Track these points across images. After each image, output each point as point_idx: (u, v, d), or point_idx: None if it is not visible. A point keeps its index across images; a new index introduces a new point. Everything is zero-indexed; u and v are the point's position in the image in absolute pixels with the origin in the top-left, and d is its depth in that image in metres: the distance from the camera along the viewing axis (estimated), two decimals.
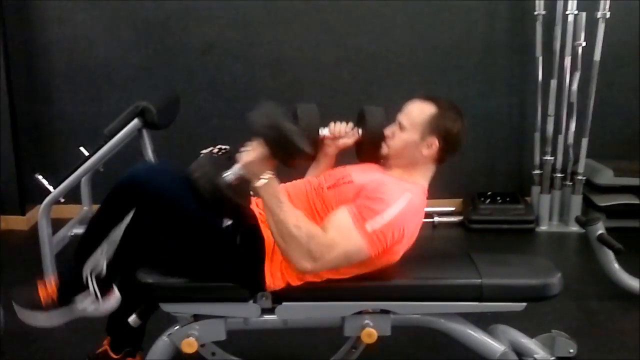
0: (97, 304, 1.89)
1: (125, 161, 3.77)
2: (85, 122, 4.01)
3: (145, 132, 3.19)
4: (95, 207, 3.63)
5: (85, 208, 3.64)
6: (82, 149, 3.24)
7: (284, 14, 3.97)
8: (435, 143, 1.98)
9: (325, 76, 4.06)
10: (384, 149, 2.05)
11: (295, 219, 1.77)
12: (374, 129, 2.11)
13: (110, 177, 3.72)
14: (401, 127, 2.02)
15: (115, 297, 1.93)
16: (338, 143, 2.19)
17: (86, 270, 1.86)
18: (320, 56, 4.03)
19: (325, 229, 1.79)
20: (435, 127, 1.97)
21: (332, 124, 2.18)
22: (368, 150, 2.13)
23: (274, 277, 1.89)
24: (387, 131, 2.06)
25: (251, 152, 1.79)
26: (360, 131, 2.15)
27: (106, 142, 3.07)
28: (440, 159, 2.04)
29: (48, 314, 1.89)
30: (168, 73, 4.02)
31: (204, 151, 3.43)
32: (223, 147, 3.48)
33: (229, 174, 1.80)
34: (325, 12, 3.96)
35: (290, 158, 1.80)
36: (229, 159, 2.56)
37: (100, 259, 1.85)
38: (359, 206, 1.82)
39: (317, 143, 2.15)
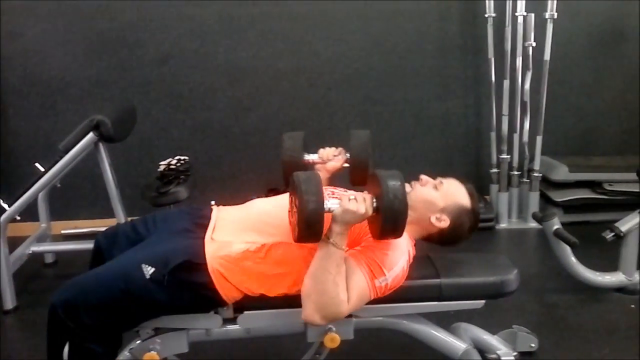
0: None
1: (83, 175, 3.79)
2: (40, 137, 3.95)
3: (101, 145, 3.15)
4: (53, 223, 3.66)
5: (42, 225, 3.57)
6: (37, 164, 3.18)
7: (239, 23, 3.97)
8: (445, 223, 2.02)
9: (283, 83, 4.07)
10: (408, 188, 2.05)
11: (337, 275, 1.79)
12: (359, 151, 2.23)
13: (68, 192, 3.76)
14: (437, 187, 2.07)
15: None
16: (328, 167, 2.28)
17: None
18: (277, 64, 4.03)
19: (349, 299, 1.82)
20: (457, 213, 2.04)
21: (320, 150, 2.30)
22: (354, 171, 2.23)
23: (229, 292, 1.89)
24: (425, 177, 2.11)
25: (361, 205, 1.76)
26: (347, 154, 2.28)
27: (61, 157, 3.03)
28: (433, 236, 2.08)
29: None
30: (124, 85, 3.98)
31: (163, 162, 3.46)
32: (182, 158, 3.50)
33: (330, 205, 1.78)
34: (281, 20, 3.97)
35: (383, 236, 1.82)
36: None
37: None
38: (370, 262, 1.85)
39: (306, 169, 2.23)
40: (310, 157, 2.30)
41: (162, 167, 3.39)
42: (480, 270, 2.12)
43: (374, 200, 1.79)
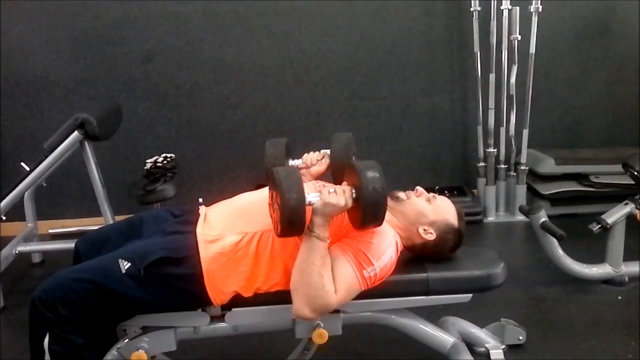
0: None
1: (69, 174, 3.77)
2: (25, 136, 3.93)
3: (87, 144, 3.14)
4: (40, 223, 3.64)
5: (29, 225, 3.55)
6: (23, 164, 3.17)
7: (224, 19, 3.95)
8: (432, 236, 2.06)
9: (269, 80, 4.06)
10: (404, 195, 2.11)
11: (322, 267, 1.81)
12: (341, 154, 2.21)
13: (54, 191, 3.74)
14: (429, 200, 2.10)
15: None
16: (312, 172, 2.30)
17: None
18: (263, 60, 4.02)
19: (337, 289, 1.83)
20: (444, 230, 2.07)
21: (304, 155, 2.31)
22: (338, 174, 2.18)
23: (219, 293, 1.90)
24: (420, 189, 2.14)
25: (340, 198, 1.78)
26: (328, 156, 2.27)
27: (47, 157, 3.02)
28: (416, 246, 2.10)
29: None
30: (109, 83, 3.96)
31: (149, 160, 3.44)
32: (169, 155, 3.49)
33: (311, 199, 1.78)
34: (266, 16, 3.96)
35: (364, 225, 1.83)
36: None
37: None
38: (356, 252, 1.87)
39: None
40: (293, 163, 2.32)
41: (148, 165, 3.38)
42: (467, 264, 2.12)
43: (353, 191, 1.80)
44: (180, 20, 3.93)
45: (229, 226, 1.95)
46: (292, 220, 1.71)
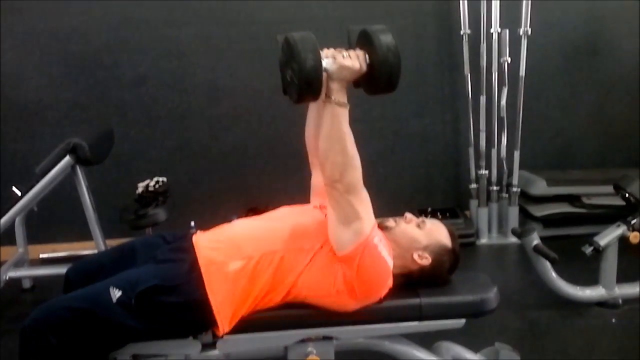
0: None
1: (60, 198, 3.75)
2: (17, 160, 3.91)
3: (78, 169, 3.13)
4: (31, 247, 3.61)
5: (20, 250, 3.53)
6: (14, 188, 3.16)
7: (217, 43, 3.97)
8: (427, 261, 2.04)
9: (262, 103, 4.07)
10: (393, 223, 2.09)
11: (349, 135, 1.83)
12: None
13: (45, 215, 3.71)
14: (420, 225, 2.09)
15: None
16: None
17: None
18: (255, 84, 4.03)
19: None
20: (438, 252, 2.06)
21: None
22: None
23: (226, 320, 1.88)
24: (409, 215, 2.12)
25: (355, 61, 1.79)
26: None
27: (38, 181, 3.01)
28: (413, 273, 2.07)
29: None
30: (102, 107, 3.97)
31: (141, 184, 3.43)
32: (160, 179, 3.48)
33: (327, 63, 1.77)
34: (258, 40, 3.97)
35: (378, 90, 1.85)
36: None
37: None
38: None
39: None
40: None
41: (140, 189, 3.37)
42: (460, 289, 2.11)
43: (367, 56, 1.80)
44: (173, 44, 3.95)
45: (231, 253, 1.94)
46: (310, 81, 1.70)
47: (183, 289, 1.86)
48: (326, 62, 1.77)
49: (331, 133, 1.81)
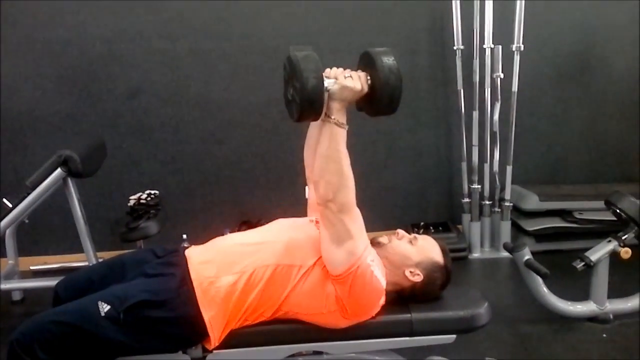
0: None
1: (51, 210, 3.74)
2: (8, 172, 3.89)
3: (70, 181, 3.13)
4: (22, 259, 3.60)
5: (10, 262, 3.51)
6: (5, 200, 3.15)
7: (210, 56, 3.98)
8: (419, 278, 2.04)
9: (255, 116, 4.08)
10: (385, 240, 2.10)
11: (345, 157, 1.84)
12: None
13: (36, 227, 3.70)
14: (412, 242, 2.09)
15: None
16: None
17: None
18: (248, 97, 4.04)
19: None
20: (430, 269, 2.06)
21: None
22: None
23: (217, 333, 1.88)
24: (401, 232, 2.13)
25: (357, 82, 1.81)
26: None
27: (29, 193, 3.00)
28: (405, 290, 2.08)
29: None
30: (94, 119, 3.96)
31: (133, 197, 3.43)
32: (152, 192, 3.48)
33: (329, 83, 1.78)
34: (252, 54, 3.99)
35: (379, 112, 1.87)
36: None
37: None
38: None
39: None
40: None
41: (132, 202, 3.37)
42: (451, 305, 2.11)
43: (368, 77, 1.82)
44: (166, 57, 3.95)
45: (223, 267, 1.94)
46: (312, 100, 1.71)
47: (173, 304, 1.85)
48: (328, 82, 1.78)
49: (328, 152, 1.82)
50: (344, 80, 1.79)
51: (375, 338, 2.01)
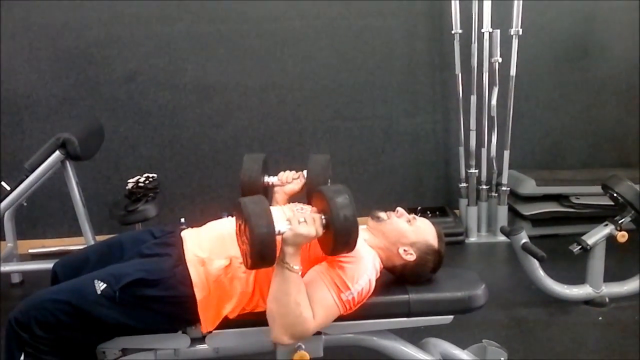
0: None
1: (50, 194, 3.74)
2: (6, 155, 3.89)
3: (68, 164, 3.13)
4: (20, 242, 3.60)
5: (9, 244, 3.51)
6: (3, 183, 3.15)
7: (208, 40, 3.97)
8: (412, 257, 2.06)
9: (253, 100, 4.07)
10: (385, 215, 2.13)
11: (297, 294, 1.80)
12: (317, 174, 2.24)
13: (34, 210, 3.71)
14: (410, 221, 2.11)
15: None
16: (286, 190, 2.34)
17: None
18: (246, 81, 4.04)
19: (315, 314, 1.83)
20: (424, 251, 2.08)
21: (280, 173, 2.36)
22: (311, 194, 2.10)
23: (209, 319, 1.90)
24: (401, 210, 2.15)
25: (311, 228, 1.77)
26: (305, 176, 2.31)
27: (27, 176, 3.00)
28: (396, 267, 2.10)
29: None
30: (92, 103, 3.95)
31: (131, 180, 3.43)
32: (150, 175, 3.48)
33: (280, 228, 1.75)
34: (250, 37, 3.98)
35: (335, 251, 1.82)
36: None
37: None
38: (332, 276, 1.88)
39: (265, 190, 2.35)
40: (269, 180, 2.35)
41: (130, 185, 3.37)
42: (448, 286, 2.13)
43: (323, 218, 1.79)
44: (164, 41, 3.94)
45: (216, 250, 1.95)
46: (263, 254, 1.68)
47: (168, 283, 1.86)
48: (281, 226, 1.74)
49: (278, 295, 1.80)
50: (298, 227, 1.75)
51: (373, 319, 2.03)
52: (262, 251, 1.67)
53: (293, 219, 1.78)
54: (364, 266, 1.93)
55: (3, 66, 3.84)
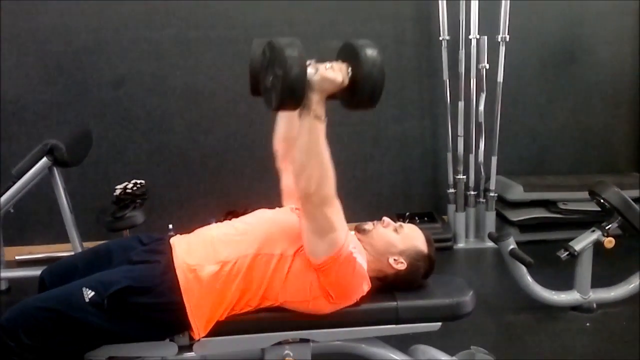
0: None
1: (37, 200, 3.72)
2: None
3: (56, 170, 3.11)
4: (7, 249, 3.57)
5: None
6: None
7: (196, 45, 3.96)
8: (402, 266, 2.05)
9: (241, 106, 4.06)
10: (370, 226, 2.10)
11: (326, 152, 1.79)
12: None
13: (22, 217, 3.68)
14: (397, 230, 2.09)
15: None
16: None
17: None
18: (234, 87, 4.02)
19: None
20: (414, 257, 2.07)
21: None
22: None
23: (201, 325, 1.88)
24: (387, 219, 2.13)
25: (338, 74, 1.74)
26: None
27: (15, 183, 2.98)
28: (388, 277, 2.08)
29: None
30: (80, 108, 3.93)
31: (119, 186, 3.41)
32: (138, 182, 3.46)
33: (309, 73, 1.71)
34: (238, 43, 3.97)
35: (359, 106, 1.82)
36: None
37: None
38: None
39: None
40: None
41: (118, 191, 3.35)
42: (436, 293, 2.12)
43: (349, 69, 1.76)
44: (152, 46, 3.93)
45: (207, 256, 1.94)
46: (294, 89, 1.65)
47: (156, 291, 1.85)
48: (309, 72, 1.72)
49: (308, 146, 1.78)
50: (325, 71, 1.74)
51: (361, 326, 2.03)
52: (292, 88, 1.64)
53: (320, 65, 1.76)
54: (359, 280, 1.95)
55: None
